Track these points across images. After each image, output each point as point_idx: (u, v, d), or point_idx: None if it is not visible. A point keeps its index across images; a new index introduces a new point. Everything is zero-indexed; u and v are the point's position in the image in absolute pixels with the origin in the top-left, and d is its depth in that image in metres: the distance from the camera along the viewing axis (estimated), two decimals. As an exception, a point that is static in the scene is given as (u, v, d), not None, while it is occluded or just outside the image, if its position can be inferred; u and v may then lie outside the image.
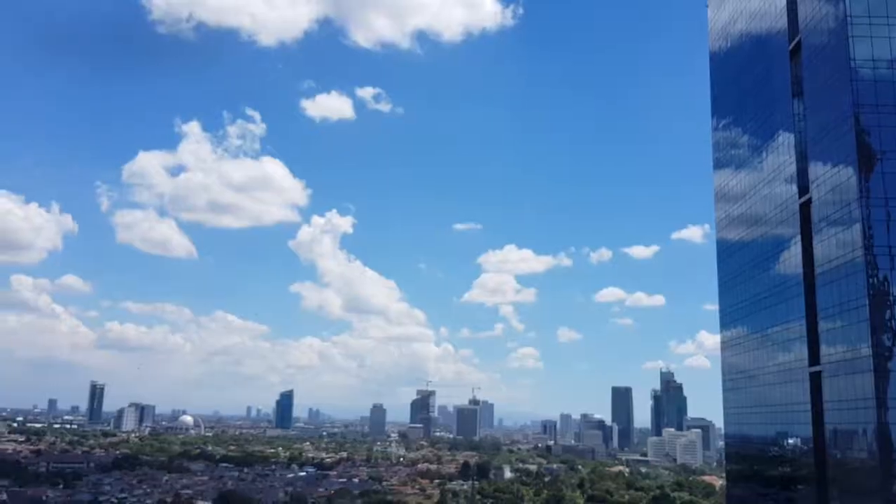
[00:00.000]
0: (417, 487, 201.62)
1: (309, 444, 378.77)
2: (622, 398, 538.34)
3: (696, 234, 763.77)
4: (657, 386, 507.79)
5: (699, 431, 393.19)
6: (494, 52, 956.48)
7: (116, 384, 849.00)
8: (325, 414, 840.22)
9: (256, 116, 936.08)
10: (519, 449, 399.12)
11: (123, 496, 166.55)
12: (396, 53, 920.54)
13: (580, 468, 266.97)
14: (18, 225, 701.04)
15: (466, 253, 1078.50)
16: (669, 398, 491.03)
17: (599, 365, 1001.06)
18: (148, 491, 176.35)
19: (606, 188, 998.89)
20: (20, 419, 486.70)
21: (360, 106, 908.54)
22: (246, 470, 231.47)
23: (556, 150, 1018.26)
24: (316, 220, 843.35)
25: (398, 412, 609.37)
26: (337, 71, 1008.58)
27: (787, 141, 77.13)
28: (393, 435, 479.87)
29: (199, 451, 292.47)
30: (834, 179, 64.93)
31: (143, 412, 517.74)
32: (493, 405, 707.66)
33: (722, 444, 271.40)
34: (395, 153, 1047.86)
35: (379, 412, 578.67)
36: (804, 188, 72.22)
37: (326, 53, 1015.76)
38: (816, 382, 67.49)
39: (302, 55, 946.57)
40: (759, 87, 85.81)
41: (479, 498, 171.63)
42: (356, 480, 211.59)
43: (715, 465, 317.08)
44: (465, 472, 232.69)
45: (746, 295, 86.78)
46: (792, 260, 74.32)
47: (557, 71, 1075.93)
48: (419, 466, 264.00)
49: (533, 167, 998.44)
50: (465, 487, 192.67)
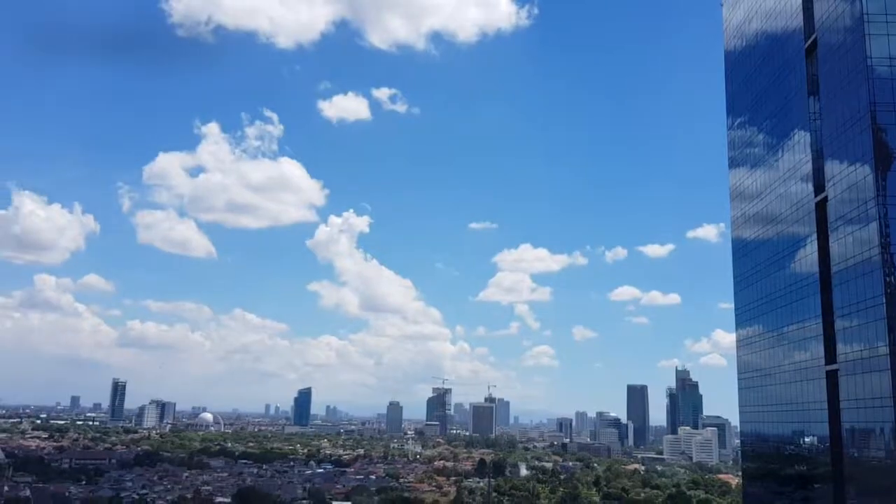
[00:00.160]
0: (434, 484, 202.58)
1: (326, 441, 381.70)
2: (638, 396, 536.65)
3: (711, 232, 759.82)
4: (672, 384, 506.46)
5: (715, 430, 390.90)
6: (509, 52, 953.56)
7: (138, 382, 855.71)
8: (342, 411, 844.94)
9: (274, 118, 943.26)
10: (535, 446, 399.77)
11: (144, 492, 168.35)
12: (412, 54, 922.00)
13: (596, 466, 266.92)
14: (42, 226, 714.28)
15: (482, 252, 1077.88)
16: (685, 396, 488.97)
17: (615, 363, 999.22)
18: (168, 487, 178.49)
19: (621, 187, 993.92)
20: (44, 416, 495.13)
21: (376, 106, 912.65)
22: (265, 466, 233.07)
23: (570, 149, 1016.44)
24: (333, 219, 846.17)
25: (415, 410, 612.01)
26: (353, 72, 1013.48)
27: (802, 139, 76.95)
28: (409, 432, 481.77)
29: (218, 447, 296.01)
30: (850, 178, 64.68)
31: (163, 409, 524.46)
32: (508, 403, 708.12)
33: (738, 442, 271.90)
34: (411, 153, 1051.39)
35: (396, 410, 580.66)
36: (820, 187, 72.04)
37: (343, 55, 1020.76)
38: (833, 381, 67.34)
39: (319, 57, 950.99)
40: (774, 85, 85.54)
41: (495, 495, 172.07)
42: (373, 477, 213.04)
43: (731, 463, 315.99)
44: (481, 469, 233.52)
45: (762, 293, 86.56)
46: (808, 258, 74.18)
47: (572, 71, 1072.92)
48: (436, 464, 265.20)
49: (548, 167, 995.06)
50: (481, 484, 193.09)
